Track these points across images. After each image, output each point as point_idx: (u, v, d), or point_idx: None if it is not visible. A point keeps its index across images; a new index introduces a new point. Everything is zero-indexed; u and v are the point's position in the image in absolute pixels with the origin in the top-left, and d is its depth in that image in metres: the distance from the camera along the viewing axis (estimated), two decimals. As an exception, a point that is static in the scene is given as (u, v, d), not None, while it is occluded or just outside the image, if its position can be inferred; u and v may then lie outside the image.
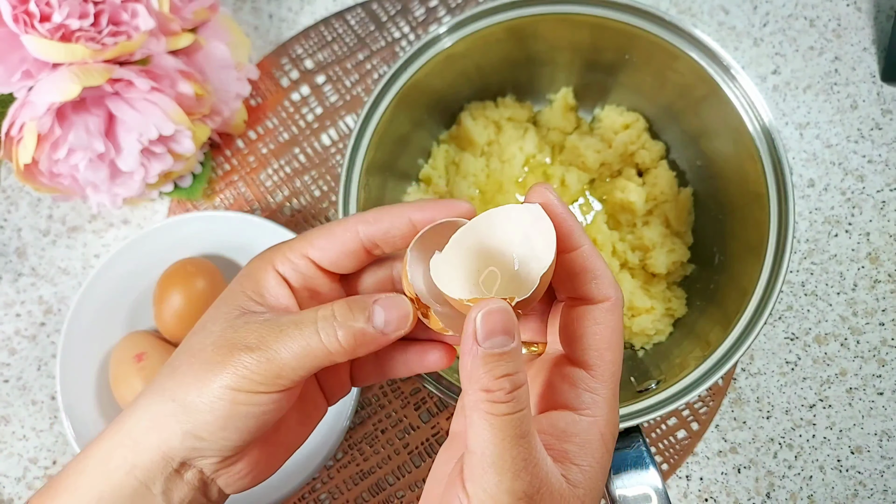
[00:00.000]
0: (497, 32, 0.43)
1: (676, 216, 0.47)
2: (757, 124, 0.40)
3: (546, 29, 0.43)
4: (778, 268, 0.39)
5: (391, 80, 0.42)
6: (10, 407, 0.51)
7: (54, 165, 0.44)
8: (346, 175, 0.41)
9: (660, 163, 0.48)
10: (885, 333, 0.50)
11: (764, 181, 0.40)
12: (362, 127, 0.41)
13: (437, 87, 0.45)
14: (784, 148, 0.40)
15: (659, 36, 0.41)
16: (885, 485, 0.49)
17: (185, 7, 0.45)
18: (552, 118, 0.49)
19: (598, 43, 0.44)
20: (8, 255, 0.53)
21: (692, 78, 0.42)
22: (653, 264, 0.46)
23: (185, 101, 0.44)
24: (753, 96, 0.40)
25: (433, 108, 0.48)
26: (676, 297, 0.47)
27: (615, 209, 0.48)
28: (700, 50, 0.41)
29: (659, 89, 0.46)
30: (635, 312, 0.46)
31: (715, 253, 0.46)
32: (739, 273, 0.41)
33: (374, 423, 0.50)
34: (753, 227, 0.41)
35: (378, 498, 0.50)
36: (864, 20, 0.53)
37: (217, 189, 0.53)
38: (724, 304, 0.42)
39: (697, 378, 0.38)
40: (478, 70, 0.46)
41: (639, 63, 0.44)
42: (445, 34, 0.42)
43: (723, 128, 0.42)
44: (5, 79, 0.41)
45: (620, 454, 0.38)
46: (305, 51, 0.54)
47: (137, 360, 0.45)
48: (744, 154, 0.41)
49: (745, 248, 0.42)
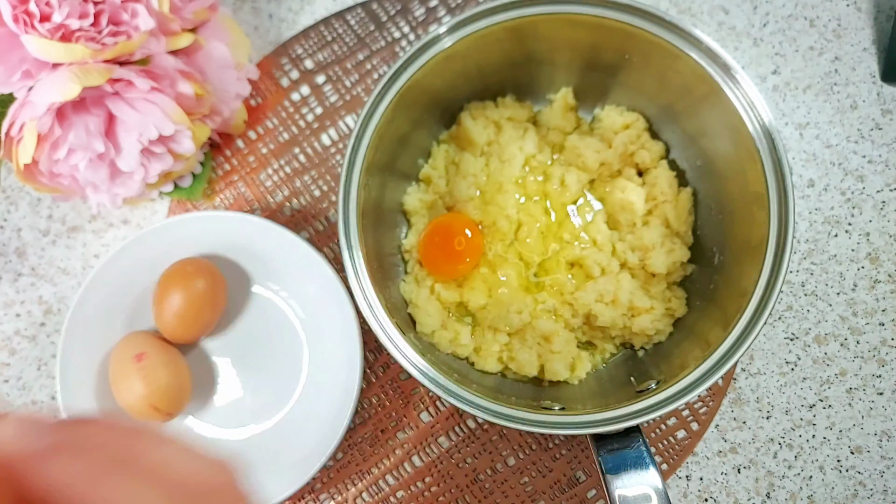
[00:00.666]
0: (497, 32, 0.43)
1: (676, 216, 0.47)
2: (757, 124, 0.40)
3: (546, 29, 0.43)
4: (778, 268, 0.39)
5: (391, 79, 0.42)
6: (10, 407, 0.51)
7: (54, 165, 0.44)
8: (345, 175, 0.41)
9: (660, 163, 0.48)
10: (885, 333, 0.50)
11: (764, 181, 0.40)
12: (362, 127, 0.41)
13: (437, 86, 0.45)
14: (784, 148, 0.39)
15: (659, 36, 0.41)
16: (885, 485, 0.49)
17: (185, 7, 0.45)
18: (552, 118, 0.49)
19: (598, 43, 0.44)
20: (8, 255, 0.53)
21: (692, 78, 0.42)
22: (652, 264, 0.46)
23: (185, 102, 0.44)
24: (754, 96, 0.40)
25: (433, 107, 0.47)
26: (676, 297, 0.47)
27: (615, 209, 0.48)
28: (700, 50, 0.41)
29: (659, 89, 0.46)
30: (635, 312, 0.46)
31: (715, 253, 0.46)
32: (739, 273, 0.41)
33: (375, 423, 0.50)
34: (754, 227, 0.40)
35: (377, 498, 0.50)
36: (865, 20, 0.53)
37: (217, 189, 0.53)
38: (724, 305, 0.42)
39: (697, 378, 0.38)
40: (478, 70, 0.46)
41: (639, 63, 0.44)
42: (445, 34, 0.42)
43: (723, 128, 0.42)
44: (5, 79, 0.41)
45: (620, 454, 0.38)
46: (305, 51, 0.54)
47: (137, 360, 0.45)
48: (744, 154, 0.41)
49: (745, 249, 0.41)
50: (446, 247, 0.47)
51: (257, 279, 0.50)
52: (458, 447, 0.50)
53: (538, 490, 0.49)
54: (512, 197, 0.48)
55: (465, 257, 0.47)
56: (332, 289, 0.47)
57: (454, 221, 0.48)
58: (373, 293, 0.40)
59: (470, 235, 0.47)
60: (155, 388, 0.44)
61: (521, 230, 0.48)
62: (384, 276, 0.46)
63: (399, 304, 0.47)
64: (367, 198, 0.43)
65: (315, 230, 0.52)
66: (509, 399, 0.41)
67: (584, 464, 0.50)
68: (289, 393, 0.49)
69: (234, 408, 0.50)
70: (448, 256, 0.47)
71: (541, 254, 0.48)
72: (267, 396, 0.50)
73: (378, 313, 0.40)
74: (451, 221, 0.48)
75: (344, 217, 0.41)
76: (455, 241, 0.46)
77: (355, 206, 0.41)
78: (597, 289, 0.46)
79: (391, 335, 0.40)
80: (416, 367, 0.39)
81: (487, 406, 0.39)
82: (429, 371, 0.39)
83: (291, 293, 0.50)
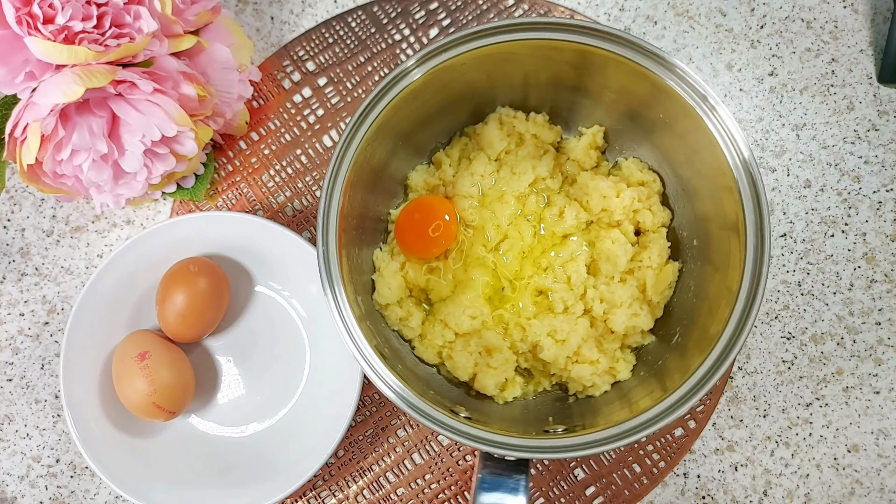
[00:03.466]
0: (564, 51, 0.42)
1: (654, 285, 0.46)
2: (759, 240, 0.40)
3: (606, 66, 0.42)
4: (722, 361, 0.39)
5: (442, 48, 0.41)
6: (13, 405, 0.52)
7: (58, 166, 0.44)
8: (354, 124, 0.41)
9: (660, 229, 0.48)
10: (882, 333, 0.51)
11: (738, 290, 0.40)
12: (389, 84, 0.41)
13: (476, 80, 0.44)
14: (768, 261, 0.39)
15: (691, 108, 0.41)
16: (882, 483, 0.50)
17: (187, 9, 0.45)
18: (575, 150, 0.49)
19: (644, 95, 0.43)
20: (12, 255, 0.53)
21: (714, 168, 0.41)
22: (614, 321, 0.46)
23: (187, 103, 0.45)
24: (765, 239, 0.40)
25: (467, 99, 0.47)
26: (625, 361, 0.46)
27: (600, 256, 0.47)
28: (730, 149, 0.40)
29: (683, 162, 0.45)
30: (580, 360, 0.46)
31: (677, 333, 0.45)
32: (690, 359, 0.41)
33: (376, 420, 0.51)
34: (712, 322, 0.41)
35: (378, 495, 0.50)
36: (861, 22, 0.54)
37: (220, 190, 0.53)
38: (664, 384, 0.41)
39: (603, 438, 0.38)
40: (524, 79, 0.46)
41: (670, 125, 0.44)
42: (517, 30, 0.41)
43: (727, 220, 0.42)
44: (9, 80, 0.42)
45: (500, 479, 0.38)
46: (307, 53, 0.55)
47: (140, 359, 0.45)
48: (735, 261, 0.41)
49: (702, 337, 0.41)
50: (422, 227, 0.47)
51: (259, 279, 0.51)
52: (458, 445, 0.50)
53: (537, 486, 0.50)
54: (509, 208, 0.48)
55: (438, 243, 0.47)
56: (333, 288, 0.47)
57: (437, 204, 0.48)
58: (334, 240, 0.40)
59: (448, 221, 0.47)
60: (158, 387, 0.45)
61: (504, 242, 0.48)
62: (362, 237, 0.46)
63: (366, 268, 0.47)
64: (370, 157, 0.42)
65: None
66: (429, 394, 0.41)
67: (583, 462, 0.50)
68: (291, 391, 0.50)
69: (236, 406, 0.50)
70: (420, 236, 0.47)
71: (514, 273, 0.48)
72: (269, 395, 0.50)
73: (332, 257, 0.40)
74: (434, 204, 0.48)
75: (333, 170, 0.41)
76: (432, 226, 0.46)
77: (350, 160, 0.41)
78: (553, 324, 0.46)
79: (337, 290, 0.40)
80: (346, 326, 0.39)
81: (401, 391, 0.39)
82: (361, 343, 0.40)
83: (293, 293, 0.51)
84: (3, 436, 0.52)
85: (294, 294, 0.50)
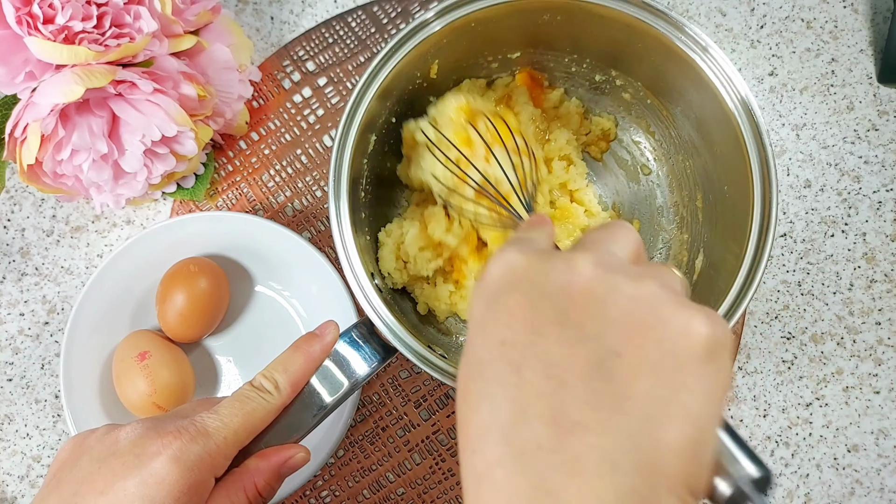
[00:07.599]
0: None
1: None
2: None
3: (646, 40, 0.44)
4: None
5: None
6: (13, 405, 0.52)
7: (58, 166, 0.44)
8: (361, 86, 0.42)
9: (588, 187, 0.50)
10: (882, 333, 0.51)
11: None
12: (408, 32, 0.42)
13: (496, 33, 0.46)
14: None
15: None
16: (882, 483, 0.50)
17: (187, 9, 0.45)
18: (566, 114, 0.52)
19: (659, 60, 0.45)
20: (12, 255, 0.53)
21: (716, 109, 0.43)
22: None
23: (187, 103, 0.45)
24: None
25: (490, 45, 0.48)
26: None
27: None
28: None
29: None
30: None
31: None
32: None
33: (376, 420, 0.51)
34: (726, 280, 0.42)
35: (378, 495, 0.50)
36: (861, 22, 0.54)
37: (220, 190, 0.53)
38: None
39: None
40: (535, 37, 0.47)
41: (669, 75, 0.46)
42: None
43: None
44: (9, 80, 0.42)
45: (366, 345, 0.39)
46: (307, 52, 0.55)
47: (140, 359, 0.45)
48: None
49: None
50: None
51: (259, 279, 0.51)
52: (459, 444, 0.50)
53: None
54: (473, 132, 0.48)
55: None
56: (333, 288, 0.47)
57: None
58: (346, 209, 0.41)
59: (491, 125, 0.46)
60: (158, 387, 0.45)
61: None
62: (377, 200, 0.48)
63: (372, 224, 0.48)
64: (370, 118, 0.43)
65: (317, 230, 0.53)
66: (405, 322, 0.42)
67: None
68: (290, 391, 0.50)
69: (236, 406, 0.50)
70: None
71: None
72: (268, 395, 0.50)
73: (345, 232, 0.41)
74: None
75: (343, 133, 0.42)
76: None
77: (359, 121, 0.42)
78: None
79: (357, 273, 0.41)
80: (372, 307, 0.40)
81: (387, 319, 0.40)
82: (387, 317, 0.40)
83: (293, 293, 0.51)
84: (3, 436, 0.52)
85: (294, 294, 0.51)
